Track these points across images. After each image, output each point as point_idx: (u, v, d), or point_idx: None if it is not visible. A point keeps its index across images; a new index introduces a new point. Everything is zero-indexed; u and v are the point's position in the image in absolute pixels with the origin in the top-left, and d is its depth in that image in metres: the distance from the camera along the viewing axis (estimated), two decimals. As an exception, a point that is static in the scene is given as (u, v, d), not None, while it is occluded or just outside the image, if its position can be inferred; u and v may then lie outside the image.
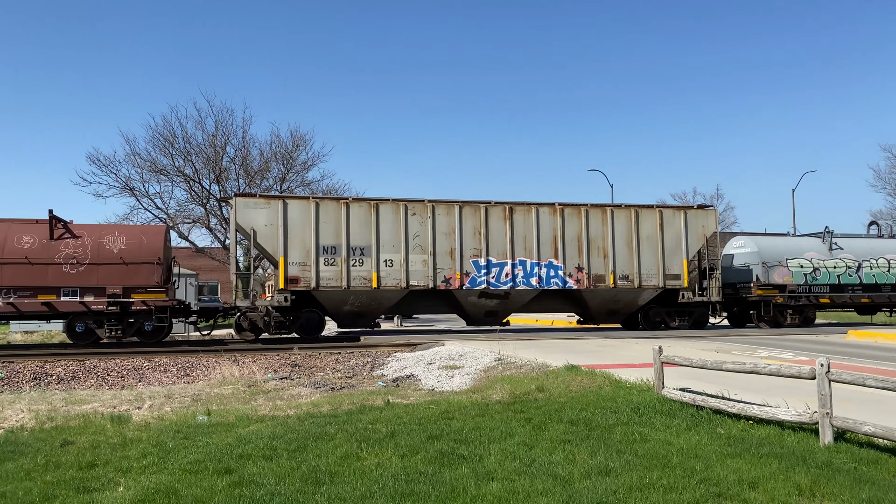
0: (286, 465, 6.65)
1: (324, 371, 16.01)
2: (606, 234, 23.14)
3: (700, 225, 24.08)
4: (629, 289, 23.31)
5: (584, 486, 5.84)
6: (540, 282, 22.43)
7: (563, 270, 22.68)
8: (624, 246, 23.30)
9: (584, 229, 22.96)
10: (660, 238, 23.52)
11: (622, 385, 10.53)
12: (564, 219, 22.79)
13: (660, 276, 23.43)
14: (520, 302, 22.73)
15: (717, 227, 24.46)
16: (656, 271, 23.45)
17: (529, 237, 22.50)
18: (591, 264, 22.96)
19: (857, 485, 5.69)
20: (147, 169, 36.80)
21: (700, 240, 24.09)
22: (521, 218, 22.50)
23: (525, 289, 22.36)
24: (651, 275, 23.43)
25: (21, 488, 6.01)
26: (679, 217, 23.90)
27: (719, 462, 6.46)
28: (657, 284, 23.44)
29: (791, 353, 16.40)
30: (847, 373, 7.09)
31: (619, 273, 23.16)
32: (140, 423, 9.02)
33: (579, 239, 22.91)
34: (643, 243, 23.41)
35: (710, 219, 24.43)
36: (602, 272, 23.04)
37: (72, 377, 15.57)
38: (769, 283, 25.67)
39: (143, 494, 5.78)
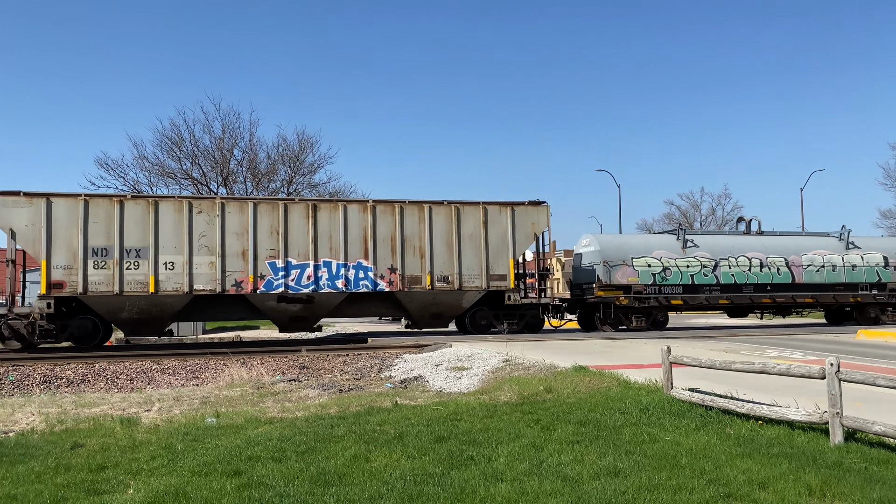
0: (295, 466, 6.66)
1: (332, 373, 16.04)
2: (423, 232, 21.52)
3: (530, 222, 22.42)
4: (449, 291, 21.64)
5: (593, 486, 5.83)
6: (347, 284, 20.81)
7: (374, 272, 21.06)
8: (443, 245, 21.68)
9: (399, 228, 21.33)
10: (483, 236, 21.93)
11: (631, 386, 10.50)
12: (376, 217, 21.23)
13: (483, 277, 21.84)
14: (328, 306, 21.11)
15: (548, 224, 22.69)
16: (479, 272, 21.86)
17: (336, 236, 20.89)
18: (405, 265, 21.33)
19: (868, 485, 5.66)
20: (155, 172, 37.07)
21: (529, 238, 22.52)
22: (327, 216, 20.91)
23: (330, 292, 20.73)
24: (473, 276, 21.84)
25: (32, 491, 6.04)
26: (506, 214, 22.23)
27: (729, 462, 6.43)
28: (480, 286, 21.83)
29: (800, 352, 16.32)
30: (857, 372, 7.05)
31: (437, 274, 21.55)
32: (149, 426, 9.05)
33: (393, 238, 21.30)
34: (465, 242, 21.83)
35: (542, 216, 22.61)
36: (418, 273, 21.44)
37: (81, 380, 15.64)
38: (612, 283, 24.13)
39: (152, 496, 5.80)
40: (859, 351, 16.68)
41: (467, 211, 22.07)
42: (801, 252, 26.01)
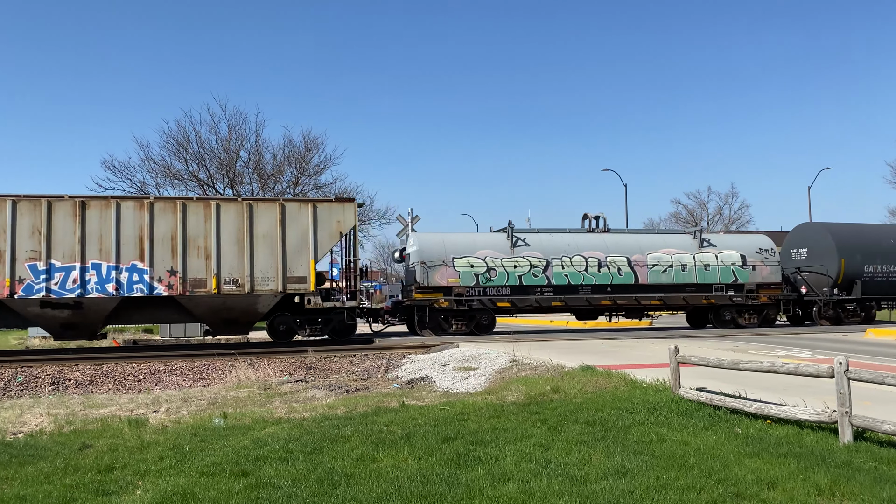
0: (302, 467, 6.67)
1: (338, 373, 16.05)
2: (210, 231, 19.68)
3: (335, 220, 20.64)
4: (240, 295, 19.74)
5: (600, 486, 5.81)
6: (119, 288, 18.88)
7: (150, 274, 19.12)
8: (233, 245, 19.82)
9: (181, 227, 19.46)
10: (280, 236, 20.13)
11: (638, 385, 10.48)
12: (154, 215, 19.33)
13: (279, 280, 19.98)
14: (101, 312, 19.20)
15: (356, 221, 20.94)
16: (275, 274, 20.01)
17: (107, 237, 19.00)
18: (188, 267, 19.42)
19: (878, 484, 5.63)
20: (161, 174, 37.15)
21: (334, 237, 20.68)
22: (97, 214, 19.00)
23: (100, 296, 18.77)
24: (268, 278, 20.00)
25: (41, 491, 6.07)
26: (307, 212, 20.42)
27: (737, 462, 6.41)
28: (275, 289, 19.98)
29: (809, 351, 16.25)
30: (866, 371, 7.01)
31: (225, 277, 19.66)
32: (157, 427, 9.08)
33: (174, 238, 19.43)
34: (259, 242, 20.00)
35: (349, 213, 20.81)
36: (203, 276, 19.54)
37: (89, 381, 15.71)
38: (430, 285, 22.47)
39: (160, 497, 5.82)
40: (868, 350, 16.60)
41: (262, 208, 20.30)
42: (647, 251, 24.14)
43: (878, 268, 26.29)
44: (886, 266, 26.44)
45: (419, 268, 22.61)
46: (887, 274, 26.42)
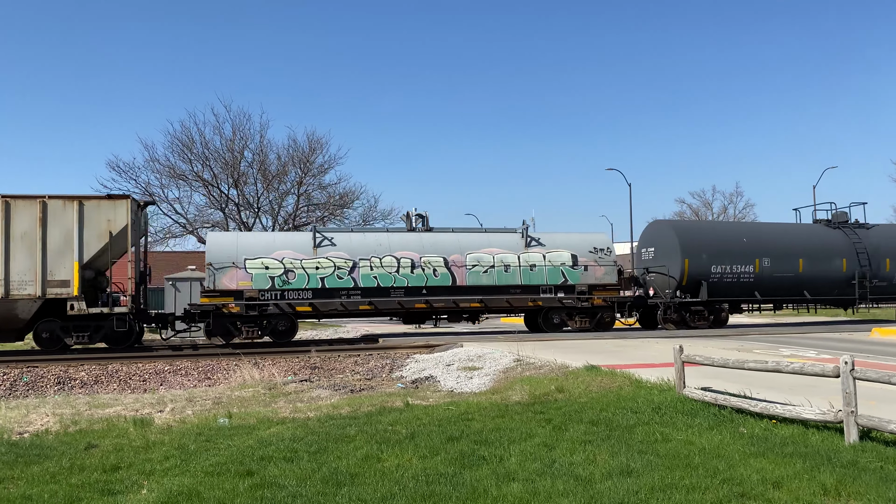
0: (307, 466, 6.68)
1: (343, 373, 16.06)
2: None
3: (105, 219, 18.92)
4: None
5: (605, 486, 5.81)
6: None
7: None
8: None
9: None
10: (41, 236, 18.48)
11: (642, 385, 10.46)
12: None
13: (38, 284, 18.37)
14: None
15: (128, 220, 19.02)
16: (34, 278, 18.39)
17: None
18: None
19: (884, 484, 5.61)
20: (166, 174, 37.26)
21: (103, 237, 18.89)
22: None
23: None
24: (26, 282, 18.37)
25: (47, 491, 6.08)
26: (72, 210, 18.73)
27: (742, 462, 6.39)
28: (34, 294, 18.36)
29: (814, 351, 16.21)
30: (872, 371, 6.99)
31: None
32: (162, 427, 9.09)
33: None
34: (17, 243, 18.39)
35: (121, 211, 19.05)
36: None
37: (95, 381, 15.75)
38: (217, 288, 20.79)
39: (166, 497, 5.83)
40: (874, 349, 16.54)
41: (21, 206, 18.53)
42: (467, 251, 22.56)
43: (728, 268, 24.57)
44: (737, 266, 24.66)
45: (207, 270, 21.04)
46: (738, 275, 24.66)
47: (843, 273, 25.69)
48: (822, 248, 25.89)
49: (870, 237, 26.43)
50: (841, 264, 25.76)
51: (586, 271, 23.26)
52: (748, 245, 25.06)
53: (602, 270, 23.47)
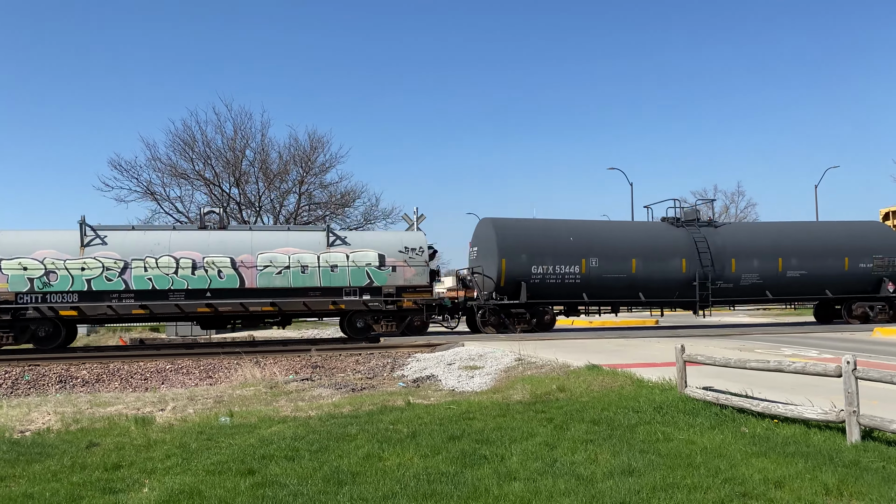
0: (308, 465, 6.68)
1: (344, 372, 16.07)
2: None
3: None
4: None
5: (607, 486, 5.80)
6: None
7: None
8: None
9: None
10: None
11: (644, 384, 10.46)
12: None
13: None
14: None
15: None
16: None
17: None
18: None
19: (886, 484, 5.60)
20: (168, 173, 37.29)
21: None
22: None
23: None
24: None
25: (48, 489, 6.09)
26: None
27: (744, 461, 6.38)
28: None
29: (816, 350, 16.19)
30: (874, 370, 6.98)
31: None
32: (164, 425, 9.10)
33: None
34: None
35: None
36: None
37: (96, 380, 15.77)
38: None
39: (167, 495, 5.83)
40: (876, 349, 16.52)
41: None
42: (259, 251, 20.88)
43: (550, 269, 22.79)
44: (561, 267, 22.88)
45: None
46: (562, 276, 22.89)
47: (683, 274, 23.92)
48: (660, 247, 24.13)
49: (716, 236, 24.65)
50: (680, 265, 23.95)
51: (395, 272, 21.62)
52: (575, 244, 23.34)
53: (412, 271, 21.77)
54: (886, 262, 25.41)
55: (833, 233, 26.28)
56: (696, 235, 24.39)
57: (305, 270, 21.05)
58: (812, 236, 25.85)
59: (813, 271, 24.87)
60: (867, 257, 25.31)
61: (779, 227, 26.50)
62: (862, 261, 25.26)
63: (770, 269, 24.57)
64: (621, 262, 23.44)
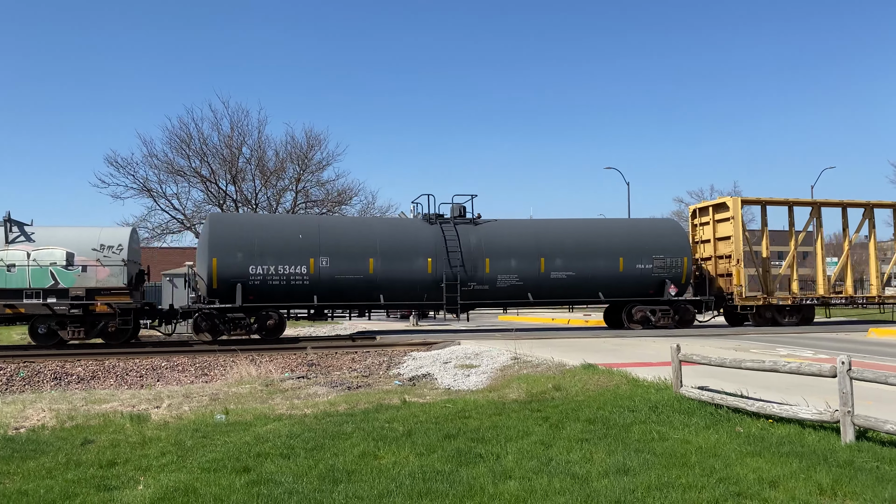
0: (304, 463, 6.67)
1: (340, 370, 16.07)
2: None
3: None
4: None
5: (602, 484, 5.81)
6: None
7: None
8: None
9: None
10: None
11: (640, 383, 10.47)
12: None
13: None
14: None
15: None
16: None
17: None
18: None
19: (880, 484, 5.62)
20: (164, 170, 37.13)
21: None
22: None
23: None
24: None
25: (42, 486, 6.08)
26: None
27: (739, 461, 6.40)
28: None
29: (811, 350, 16.23)
30: (869, 371, 7.00)
31: None
32: (159, 423, 9.09)
33: None
34: None
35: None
36: None
37: (91, 377, 15.74)
38: None
39: (162, 493, 5.83)
40: (871, 349, 16.57)
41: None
42: None
43: (272, 269, 20.45)
44: (286, 267, 20.55)
45: None
46: (287, 277, 20.52)
47: (430, 275, 21.64)
48: (403, 246, 21.83)
49: (471, 234, 22.33)
50: (426, 265, 21.69)
51: (85, 272, 19.20)
52: (303, 242, 21.09)
53: (106, 272, 19.29)
54: (668, 262, 23.12)
55: (608, 231, 23.90)
56: (449, 233, 22.07)
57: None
58: (581, 235, 23.33)
59: (582, 272, 22.54)
60: (646, 258, 23.01)
61: (544, 225, 23.94)
62: (640, 261, 22.97)
63: (531, 269, 22.27)
64: (357, 262, 21.20)
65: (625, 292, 23.07)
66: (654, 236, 23.73)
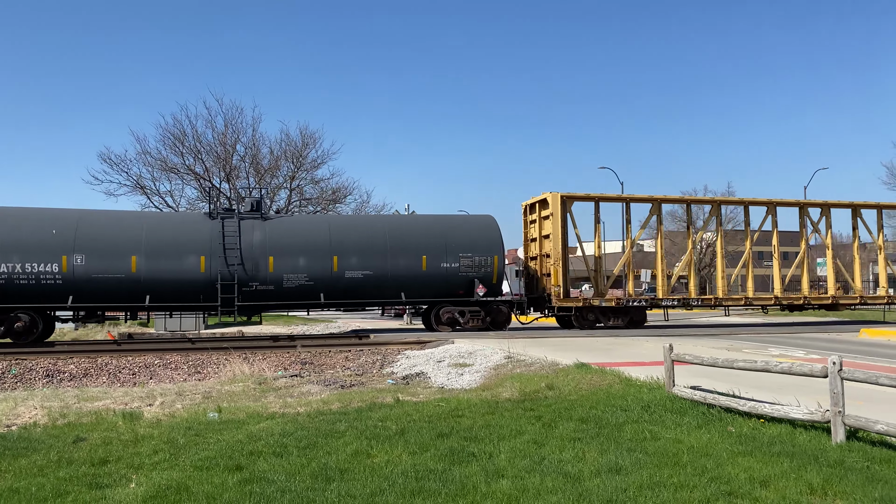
0: (296, 462, 6.67)
1: (333, 369, 16.06)
2: None
3: None
4: None
5: (594, 483, 5.83)
6: None
7: None
8: None
9: None
10: None
11: (632, 383, 10.50)
12: None
13: None
14: None
15: None
16: None
17: None
18: None
19: (870, 483, 5.65)
20: (158, 167, 37.01)
21: None
22: None
23: None
24: None
25: (34, 484, 6.06)
26: None
27: (730, 460, 6.43)
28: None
29: (802, 351, 16.30)
30: (859, 371, 7.04)
31: None
32: (151, 420, 9.07)
33: None
34: None
35: None
36: None
37: (84, 374, 15.68)
38: None
39: (154, 491, 5.82)
40: (862, 350, 16.65)
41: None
42: None
43: (19, 267, 18.76)
44: (34, 265, 18.86)
45: None
46: (36, 276, 18.87)
47: (203, 274, 20.02)
48: (171, 242, 20.19)
49: (255, 231, 20.78)
50: (198, 263, 20.07)
51: None
52: (56, 239, 19.25)
53: None
54: (477, 261, 21.70)
55: (410, 228, 22.47)
56: (229, 229, 20.44)
57: None
58: (380, 232, 21.79)
59: (381, 272, 21.07)
60: (451, 256, 21.55)
61: (340, 222, 22.73)
62: (444, 260, 21.49)
63: (323, 268, 20.80)
64: (117, 260, 19.49)
65: (430, 293, 21.64)
66: (462, 234, 22.28)
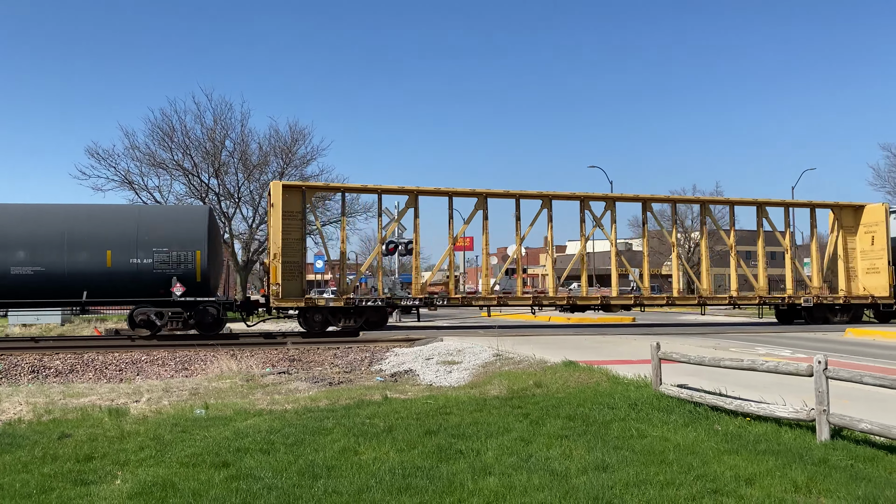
0: (283, 458, 6.65)
1: (322, 366, 16.02)
2: None
3: None
4: None
5: (581, 481, 5.85)
6: None
7: None
8: None
9: None
10: None
11: (620, 381, 10.54)
12: None
13: None
14: None
15: None
16: None
17: None
18: None
19: (854, 482, 5.70)
20: (146, 163, 36.77)
21: None
22: None
23: None
24: None
25: (19, 480, 6.01)
26: None
27: (716, 458, 6.46)
28: None
29: (789, 350, 16.41)
30: (844, 370, 7.09)
31: None
32: (138, 417, 9.02)
33: None
34: None
35: None
36: None
37: (70, 370, 15.57)
38: None
39: (140, 487, 5.79)
40: (847, 349, 16.78)
41: None
42: None
43: None
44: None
45: None
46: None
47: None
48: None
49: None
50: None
51: None
52: None
53: None
54: (175, 257, 19.65)
55: (95, 219, 20.05)
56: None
57: None
58: (55, 223, 19.53)
59: (55, 268, 18.95)
60: (144, 251, 19.46)
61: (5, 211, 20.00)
62: (135, 255, 19.40)
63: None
64: None
65: (120, 292, 19.54)
66: (158, 226, 20.04)
